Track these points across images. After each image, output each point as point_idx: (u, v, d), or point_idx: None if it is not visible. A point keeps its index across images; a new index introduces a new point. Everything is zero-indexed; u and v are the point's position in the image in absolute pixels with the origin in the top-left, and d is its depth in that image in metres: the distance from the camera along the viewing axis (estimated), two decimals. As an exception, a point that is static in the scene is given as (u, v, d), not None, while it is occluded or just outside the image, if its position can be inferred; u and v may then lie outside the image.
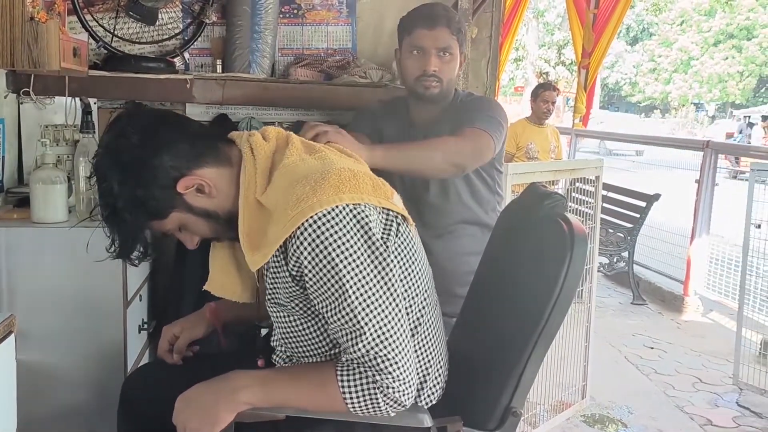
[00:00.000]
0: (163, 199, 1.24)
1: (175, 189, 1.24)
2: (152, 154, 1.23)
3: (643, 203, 4.96)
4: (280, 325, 1.32)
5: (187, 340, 1.56)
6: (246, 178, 1.27)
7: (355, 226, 1.16)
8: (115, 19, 2.41)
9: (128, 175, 1.22)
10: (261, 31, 2.42)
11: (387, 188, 1.29)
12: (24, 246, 1.82)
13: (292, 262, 1.18)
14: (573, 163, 4.38)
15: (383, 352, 1.15)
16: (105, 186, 1.23)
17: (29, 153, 2.26)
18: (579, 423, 2.95)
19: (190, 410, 1.21)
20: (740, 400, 3.26)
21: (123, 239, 1.27)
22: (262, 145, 1.30)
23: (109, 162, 1.23)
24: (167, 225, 1.29)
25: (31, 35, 1.82)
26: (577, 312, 2.96)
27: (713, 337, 4.24)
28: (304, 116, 2.52)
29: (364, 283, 1.15)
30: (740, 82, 25.17)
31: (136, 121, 1.27)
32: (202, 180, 1.26)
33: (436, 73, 1.90)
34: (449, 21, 1.89)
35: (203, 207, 1.28)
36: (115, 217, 1.24)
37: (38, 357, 1.83)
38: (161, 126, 1.27)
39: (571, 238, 1.27)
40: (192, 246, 1.35)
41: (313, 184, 1.17)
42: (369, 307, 1.15)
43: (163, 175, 1.23)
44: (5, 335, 1.34)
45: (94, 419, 1.86)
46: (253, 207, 1.26)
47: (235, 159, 1.31)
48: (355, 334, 1.15)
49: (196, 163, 1.26)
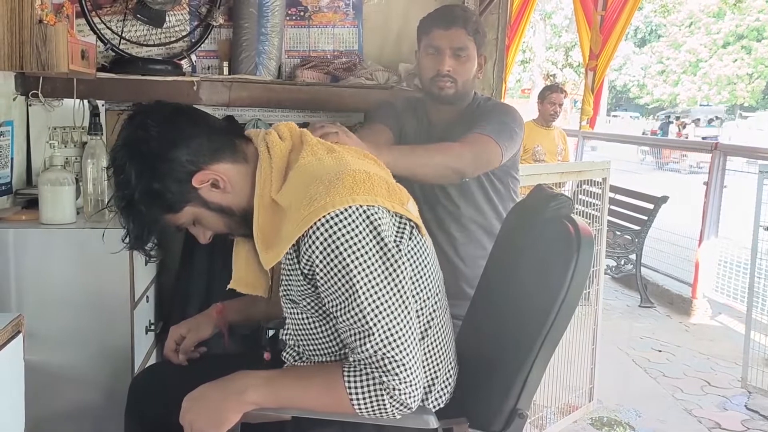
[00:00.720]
0: (178, 193, 1.26)
1: (190, 183, 1.25)
2: (170, 147, 1.24)
3: (651, 205, 4.94)
4: (292, 321, 1.33)
5: (193, 341, 1.57)
6: (262, 177, 1.28)
7: (367, 227, 1.17)
8: (123, 22, 2.42)
9: (145, 167, 1.23)
10: (267, 33, 2.43)
11: (403, 193, 1.29)
12: (32, 247, 1.83)
13: (304, 261, 1.19)
14: (580, 165, 4.37)
15: (391, 353, 1.15)
16: (122, 178, 1.24)
17: (38, 155, 2.27)
18: (586, 426, 2.94)
19: (196, 410, 1.21)
20: (749, 403, 3.24)
21: (137, 231, 1.28)
22: (278, 144, 1.31)
23: (127, 154, 1.24)
24: (181, 219, 1.30)
25: (39, 38, 1.83)
26: (584, 314, 2.96)
27: (722, 340, 4.22)
28: (311, 118, 2.53)
29: (373, 284, 1.16)
30: (749, 84, 25.05)
31: (155, 114, 1.28)
32: (217, 175, 1.27)
33: (450, 73, 1.89)
34: (466, 22, 1.89)
35: (218, 202, 1.29)
36: (131, 208, 1.25)
37: (46, 357, 1.84)
38: (179, 120, 1.28)
39: (578, 239, 1.26)
40: (204, 240, 1.36)
41: (327, 184, 1.18)
42: (378, 308, 1.15)
43: (180, 169, 1.24)
44: (14, 335, 1.34)
45: (102, 420, 1.87)
46: (268, 205, 1.27)
47: (251, 156, 1.32)
48: (364, 334, 1.15)
49: (212, 158, 1.27)
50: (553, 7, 21.41)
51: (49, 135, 2.26)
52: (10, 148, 2.11)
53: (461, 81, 1.92)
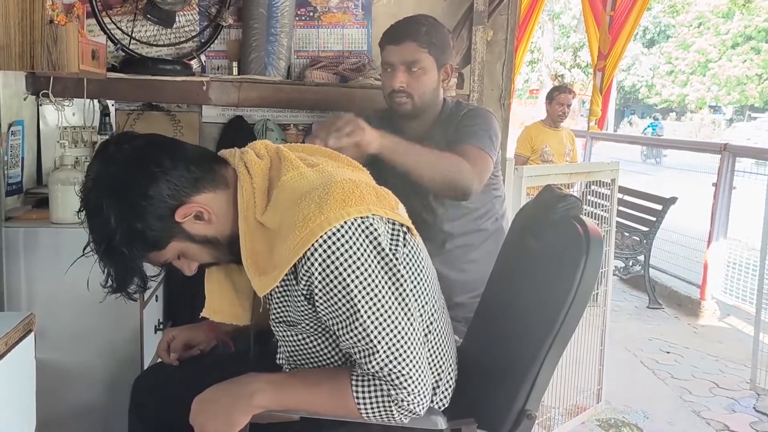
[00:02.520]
0: (161, 230, 1.19)
1: (173, 218, 1.19)
2: (149, 183, 1.16)
3: (660, 206, 4.92)
4: (288, 344, 1.30)
5: (182, 341, 1.55)
6: (244, 199, 1.23)
7: (365, 242, 1.14)
8: (133, 22, 2.44)
9: (125, 206, 1.15)
10: (277, 34, 2.43)
11: (391, 198, 1.27)
12: (42, 246, 1.85)
13: (303, 282, 1.16)
14: (588, 165, 4.36)
15: (397, 368, 1.14)
16: (99, 220, 1.17)
17: (48, 154, 2.29)
18: (594, 427, 2.93)
19: (207, 413, 1.22)
20: (758, 405, 3.22)
21: (121, 273, 1.21)
22: (257, 163, 1.26)
23: (102, 193, 1.16)
24: (166, 255, 1.24)
25: (50, 38, 1.85)
26: (592, 315, 2.95)
27: (730, 341, 4.20)
28: (320, 118, 2.53)
29: (376, 301, 1.14)
30: (759, 84, 24.92)
31: (127, 147, 1.20)
32: (200, 207, 1.21)
33: (404, 88, 1.87)
34: (417, 35, 1.86)
35: (203, 234, 1.23)
36: (112, 251, 1.18)
37: (56, 356, 1.85)
38: (155, 152, 1.20)
39: (587, 240, 1.26)
40: (190, 272, 1.30)
41: (318, 200, 1.14)
42: (381, 325, 1.14)
43: (161, 206, 1.17)
44: (25, 334, 1.35)
45: (111, 418, 1.88)
46: (254, 228, 1.22)
47: (231, 180, 1.26)
48: (368, 352, 1.14)
49: (193, 190, 1.20)
50: (562, 7, 21.39)
51: (60, 135, 2.27)
52: (21, 147, 2.12)
53: (417, 95, 1.88)
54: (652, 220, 4.94)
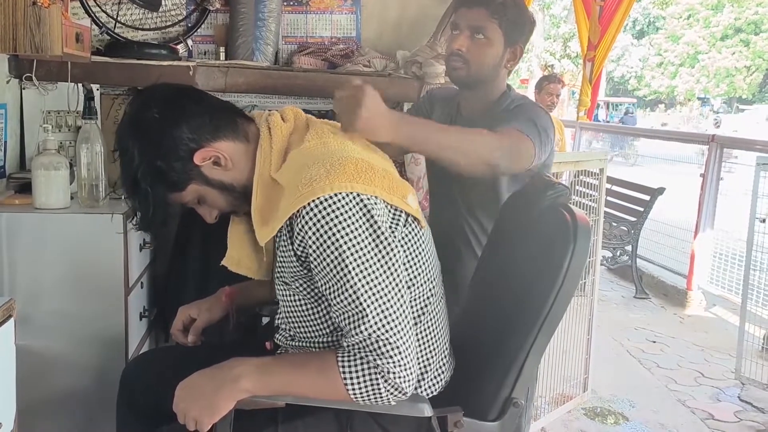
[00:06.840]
0: (181, 171, 1.28)
1: (192, 161, 1.27)
2: (172, 125, 1.26)
3: (647, 197, 4.94)
4: (285, 304, 1.33)
5: (204, 322, 1.57)
6: (262, 156, 1.30)
7: (360, 212, 1.16)
8: (119, 5, 2.40)
9: (148, 145, 1.25)
10: (265, 19, 2.41)
11: (404, 187, 1.27)
12: (25, 232, 1.82)
13: (297, 242, 1.19)
14: (577, 155, 4.36)
15: (385, 335, 1.14)
16: (126, 157, 1.27)
17: (31, 138, 2.25)
18: (580, 416, 2.94)
19: (190, 399, 1.20)
20: (742, 394, 3.25)
21: (145, 211, 1.30)
22: (280, 125, 1.33)
23: (130, 132, 1.27)
24: (186, 197, 1.32)
25: (33, 20, 1.81)
26: (579, 305, 2.96)
27: (716, 331, 4.23)
28: (307, 105, 2.51)
29: (366, 267, 1.15)
30: (747, 76, 25.06)
31: (158, 94, 1.31)
32: (218, 152, 1.28)
33: (462, 53, 1.72)
34: (491, 3, 1.71)
35: (219, 179, 1.31)
36: (137, 188, 1.27)
37: (39, 343, 1.83)
38: (182, 99, 1.30)
39: (575, 228, 1.26)
40: (210, 219, 1.38)
41: (329, 167, 1.18)
42: (371, 290, 1.15)
43: (182, 147, 1.26)
44: (5, 319, 1.33)
45: (94, 406, 1.86)
46: (267, 183, 1.28)
47: (253, 136, 1.34)
48: (358, 316, 1.15)
49: (213, 136, 1.29)
50: (552, -3, 21.37)
51: (43, 119, 2.24)
52: (4, 131, 2.09)
53: (474, 64, 1.73)
54: (640, 210, 4.97)
